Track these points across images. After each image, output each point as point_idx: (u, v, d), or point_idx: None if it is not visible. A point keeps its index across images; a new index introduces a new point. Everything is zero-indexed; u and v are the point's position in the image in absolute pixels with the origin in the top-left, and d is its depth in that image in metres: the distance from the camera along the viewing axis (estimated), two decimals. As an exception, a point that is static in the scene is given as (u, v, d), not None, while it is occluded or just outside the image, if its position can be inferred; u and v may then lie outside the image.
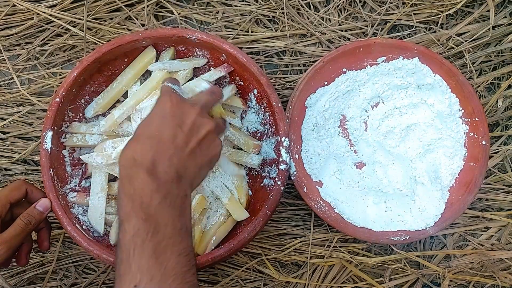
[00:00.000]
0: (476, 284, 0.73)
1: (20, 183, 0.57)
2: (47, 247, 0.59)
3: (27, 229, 0.54)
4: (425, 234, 0.66)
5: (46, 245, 0.59)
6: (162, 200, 0.42)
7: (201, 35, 0.62)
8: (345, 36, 0.75)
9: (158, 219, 0.41)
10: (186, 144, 0.46)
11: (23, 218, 0.54)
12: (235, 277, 0.71)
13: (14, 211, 0.56)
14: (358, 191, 0.70)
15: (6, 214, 0.55)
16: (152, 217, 0.41)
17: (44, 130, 0.60)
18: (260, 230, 0.60)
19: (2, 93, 0.74)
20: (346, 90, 0.71)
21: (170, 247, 0.41)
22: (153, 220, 0.41)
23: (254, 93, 0.67)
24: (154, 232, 0.40)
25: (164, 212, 0.42)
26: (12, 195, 0.55)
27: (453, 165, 0.70)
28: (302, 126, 0.70)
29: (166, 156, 0.44)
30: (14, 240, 0.53)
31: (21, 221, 0.54)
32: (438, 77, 0.70)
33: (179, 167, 0.45)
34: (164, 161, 0.44)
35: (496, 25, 0.75)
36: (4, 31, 0.75)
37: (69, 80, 0.61)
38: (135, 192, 0.42)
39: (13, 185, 0.57)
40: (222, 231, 0.64)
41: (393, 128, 0.72)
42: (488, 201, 0.75)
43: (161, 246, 0.40)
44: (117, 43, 0.62)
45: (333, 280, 0.71)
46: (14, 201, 0.56)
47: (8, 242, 0.52)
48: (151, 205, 0.41)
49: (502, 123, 0.77)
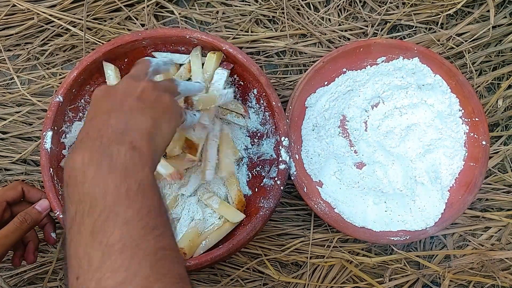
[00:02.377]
0: (476, 284, 0.73)
1: (15, 183, 0.58)
2: (53, 241, 0.60)
3: (23, 227, 0.54)
4: (425, 234, 0.66)
5: (52, 239, 0.59)
6: (97, 169, 0.36)
7: (200, 35, 0.62)
8: (345, 36, 0.75)
9: (95, 193, 0.35)
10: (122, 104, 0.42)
11: (19, 216, 0.55)
12: (235, 277, 0.71)
13: (14, 210, 0.57)
14: (358, 191, 0.70)
15: (4, 213, 0.55)
16: (87, 194, 0.35)
17: (44, 130, 0.60)
18: (260, 230, 0.60)
19: (2, 93, 0.74)
20: (346, 90, 0.71)
21: (111, 218, 0.34)
22: (88, 197, 0.35)
23: (254, 93, 0.67)
24: (90, 210, 0.34)
25: (100, 181, 0.35)
26: (8, 194, 0.56)
27: (453, 165, 0.70)
28: (302, 126, 0.70)
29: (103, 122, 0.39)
30: (7, 237, 0.53)
31: (17, 219, 0.54)
32: (438, 77, 0.70)
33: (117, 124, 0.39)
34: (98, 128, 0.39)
35: (496, 25, 0.75)
36: (4, 31, 0.75)
37: (69, 80, 0.61)
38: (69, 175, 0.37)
39: (9, 185, 0.58)
40: (215, 235, 0.64)
41: (393, 128, 0.72)
42: (488, 201, 0.75)
43: (100, 222, 0.34)
44: (117, 43, 0.62)
45: (333, 280, 0.71)
46: (10, 200, 0.56)
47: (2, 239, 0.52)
48: (85, 181, 0.36)
49: (502, 123, 0.77)
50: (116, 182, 0.35)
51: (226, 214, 0.64)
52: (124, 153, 0.37)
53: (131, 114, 0.41)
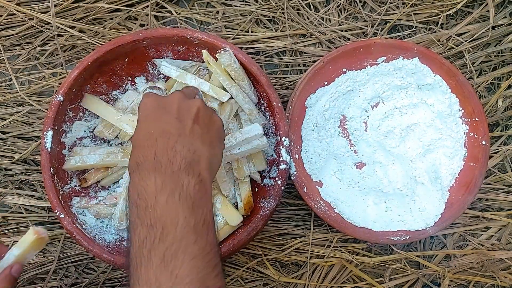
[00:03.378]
0: (476, 284, 0.73)
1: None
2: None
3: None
4: (425, 234, 0.66)
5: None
6: (170, 196, 0.37)
7: (201, 35, 0.62)
8: (345, 36, 0.75)
9: (166, 221, 0.36)
10: (183, 127, 0.43)
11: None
12: (235, 277, 0.71)
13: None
14: (358, 191, 0.70)
15: None
16: (159, 220, 0.36)
17: (44, 130, 0.60)
18: (260, 230, 0.60)
19: (2, 93, 0.74)
20: (346, 90, 0.71)
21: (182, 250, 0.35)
22: (160, 223, 0.36)
23: (254, 93, 0.67)
24: (161, 237, 0.36)
25: (172, 210, 0.37)
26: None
27: (453, 165, 0.70)
28: (302, 126, 0.70)
29: (168, 146, 0.40)
30: None
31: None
32: (438, 77, 0.70)
33: (185, 152, 0.40)
34: (166, 152, 0.40)
35: (496, 25, 0.75)
36: (4, 31, 0.75)
37: (69, 80, 0.61)
38: (139, 197, 0.38)
39: None
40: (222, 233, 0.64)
41: (393, 128, 0.72)
42: (488, 201, 0.75)
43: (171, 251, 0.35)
44: (117, 43, 0.62)
45: (333, 280, 0.71)
46: None
47: None
48: (157, 206, 0.37)
49: (502, 123, 0.77)
50: (186, 214, 0.37)
51: (226, 215, 0.64)
52: (193, 185, 0.39)
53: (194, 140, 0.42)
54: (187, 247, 0.36)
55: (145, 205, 0.38)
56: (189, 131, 0.42)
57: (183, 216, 0.37)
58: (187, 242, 0.36)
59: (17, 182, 0.73)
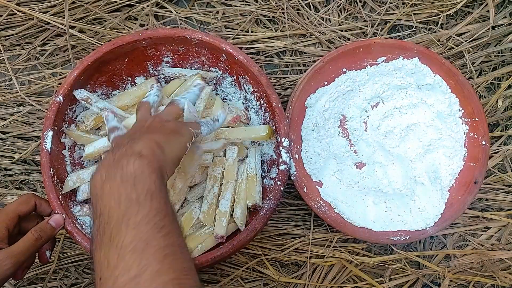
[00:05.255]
0: (476, 284, 0.73)
1: (29, 196, 0.55)
2: (46, 260, 0.57)
3: (37, 244, 0.52)
4: (425, 234, 0.66)
5: (45, 258, 0.57)
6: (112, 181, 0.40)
7: (201, 35, 0.62)
8: (345, 36, 0.75)
9: (111, 204, 0.39)
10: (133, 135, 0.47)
11: (35, 232, 0.52)
12: (235, 277, 0.71)
13: (22, 224, 0.55)
14: (358, 191, 0.70)
15: (15, 227, 0.53)
16: (105, 207, 0.39)
17: (44, 130, 0.60)
18: (260, 230, 0.60)
19: (2, 93, 0.74)
20: (346, 90, 0.71)
21: (124, 224, 0.37)
22: (106, 209, 0.39)
23: (254, 93, 0.67)
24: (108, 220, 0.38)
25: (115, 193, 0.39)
26: (21, 208, 0.54)
27: (453, 165, 0.70)
28: (302, 126, 0.70)
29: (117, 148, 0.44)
30: (22, 254, 0.51)
31: (32, 235, 0.52)
32: (438, 77, 0.70)
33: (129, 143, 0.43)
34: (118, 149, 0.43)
35: (496, 25, 0.75)
36: (4, 32, 0.75)
37: (69, 80, 0.61)
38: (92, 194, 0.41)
39: (22, 199, 0.55)
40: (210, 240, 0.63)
41: (393, 128, 0.72)
42: (488, 201, 0.75)
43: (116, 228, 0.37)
44: (117, 43, 0.62)
45: (333, 280, 0.71)
46: (22, 215, 0.54)
47: (16, 256, 0.50)
48: (103, 195, 0.39)
49: (502, 123, 0.77)
50: (127, 191, 0.39)
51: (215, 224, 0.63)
52: (133, 162, 0.40)
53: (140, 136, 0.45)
54: (129, 219, 0.38)
55: (95, 199, 0.40)
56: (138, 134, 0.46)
57: (125, 193, 0.39)
58: (130, 214, 0.38)
59: (17, 182, 0.73)
